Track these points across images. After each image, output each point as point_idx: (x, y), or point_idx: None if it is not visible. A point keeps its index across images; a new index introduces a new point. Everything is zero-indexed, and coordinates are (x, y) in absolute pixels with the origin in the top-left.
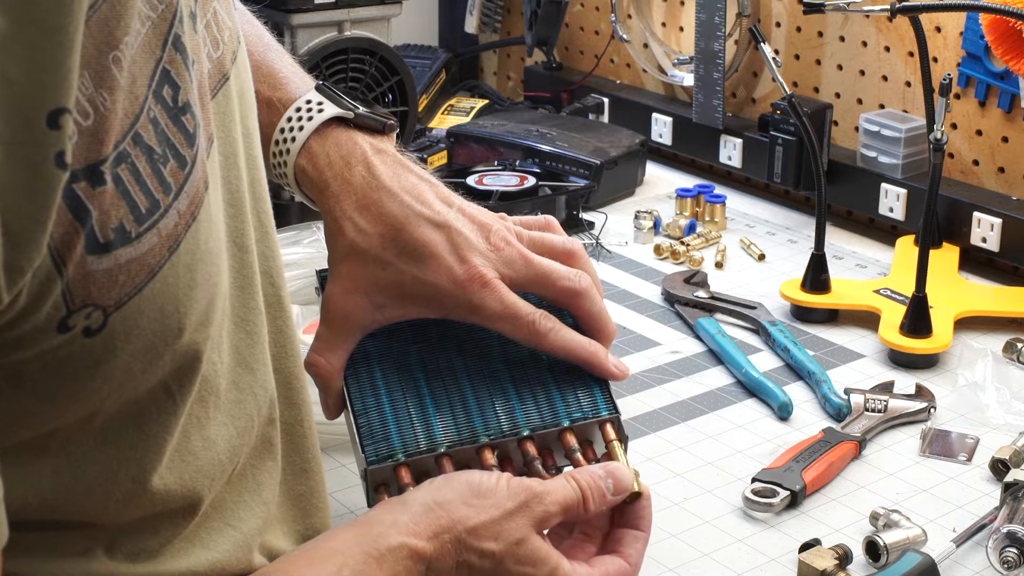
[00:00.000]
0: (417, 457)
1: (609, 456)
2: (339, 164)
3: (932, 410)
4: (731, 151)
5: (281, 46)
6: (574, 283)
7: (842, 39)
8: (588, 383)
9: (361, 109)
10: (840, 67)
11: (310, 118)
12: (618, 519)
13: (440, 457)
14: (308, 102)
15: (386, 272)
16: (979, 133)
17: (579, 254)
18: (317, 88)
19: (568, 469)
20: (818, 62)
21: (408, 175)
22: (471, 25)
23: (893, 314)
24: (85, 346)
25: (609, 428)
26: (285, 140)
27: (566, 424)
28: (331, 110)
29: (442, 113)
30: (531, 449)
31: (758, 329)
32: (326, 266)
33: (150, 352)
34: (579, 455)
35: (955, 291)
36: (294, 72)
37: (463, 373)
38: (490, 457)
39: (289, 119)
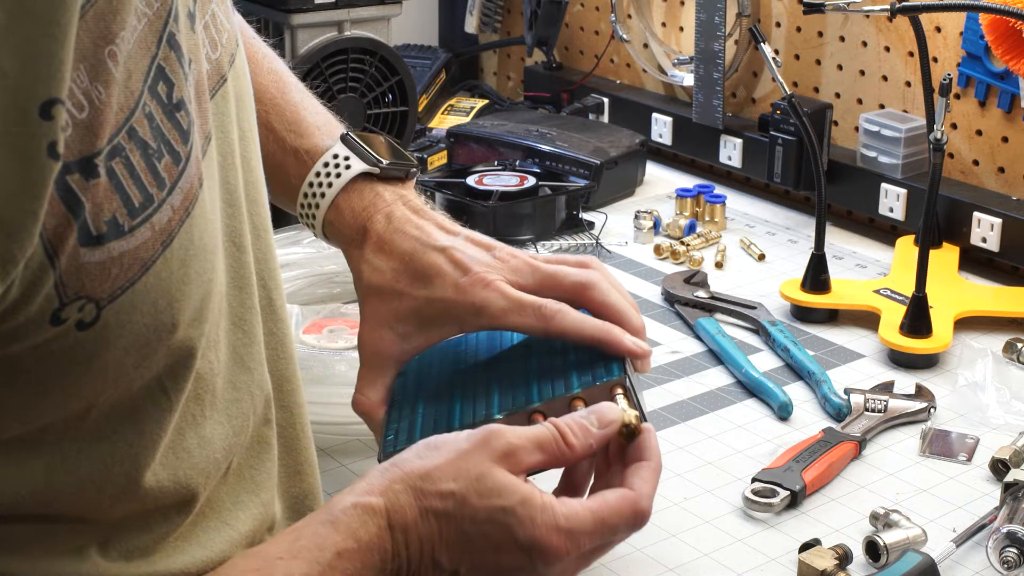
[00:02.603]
0: None
1: None
2: (362, 217)
3: (932, 410)
4: (731, 151)
5: (299, 80)
6: (581, 277)
7: (842, 39)
8: (607, 357)
9: (384, 163)
10: (840, 67)
11: (338, 175)
12: (625, 460)
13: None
14: (335, 156)
15: (403, 302)
16: (979, 133)
17: (593, 263)
18: (342, 139)
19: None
20: (818, 62)
21: (422, 219)
22: (471, 25)
23: (893, 314)
24: (78, 339)
25: (618, 391)
26: (314, 195)
27: (576, 391)
28: (358, 166)
29: (442, 113)
30: (540, 421)
31: (758, 329)
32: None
33: (143, 347)
34: None
35: (955, 291)
36: (316, 114)
37: (495, 383)
38: None
39: (318, 174)
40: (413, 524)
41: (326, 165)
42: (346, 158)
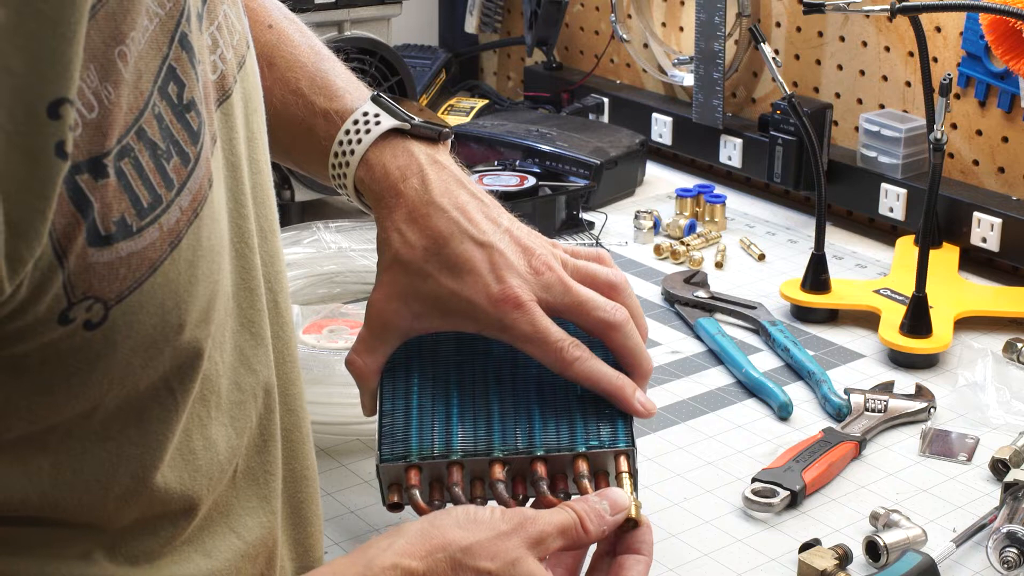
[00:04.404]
0: (429, 461)
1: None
2: (395, 176)
3: (932, 410)
4: (731, 151)
5: (333, 53)
6: (609, 315)
7: (842, 39)
8: (613, 414)
9: (416, 120)
10: (840, 67)
11: (368, 131)
12: (619, 548)
13: (451, 464)
14: (365, 114)
15: (426, 284)
16: (979, 133)
17: (621, 287)
18: (373, 99)
19: (576, 497)
20: (818, 62)
21: (461, 192)
22: (471, 25)
23: (893, 314)
24: (86, 339)
25: (623, 460)
26: (344, 153)
27: (581, 450)
28: (388, 122)
29: (442, 113)
30: (540, 469)
31: (758, 329)
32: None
33: (150, 347)
34: (586, 482)
35: (955, 291)
36: (349, 81)
37: (496, 391)
38: (499, 472)
39: (347, 131)
40: None
41: (355, 122)
42: (376, 115)
